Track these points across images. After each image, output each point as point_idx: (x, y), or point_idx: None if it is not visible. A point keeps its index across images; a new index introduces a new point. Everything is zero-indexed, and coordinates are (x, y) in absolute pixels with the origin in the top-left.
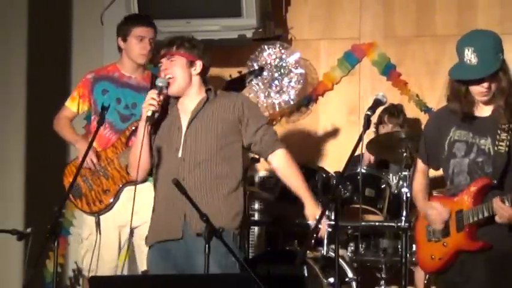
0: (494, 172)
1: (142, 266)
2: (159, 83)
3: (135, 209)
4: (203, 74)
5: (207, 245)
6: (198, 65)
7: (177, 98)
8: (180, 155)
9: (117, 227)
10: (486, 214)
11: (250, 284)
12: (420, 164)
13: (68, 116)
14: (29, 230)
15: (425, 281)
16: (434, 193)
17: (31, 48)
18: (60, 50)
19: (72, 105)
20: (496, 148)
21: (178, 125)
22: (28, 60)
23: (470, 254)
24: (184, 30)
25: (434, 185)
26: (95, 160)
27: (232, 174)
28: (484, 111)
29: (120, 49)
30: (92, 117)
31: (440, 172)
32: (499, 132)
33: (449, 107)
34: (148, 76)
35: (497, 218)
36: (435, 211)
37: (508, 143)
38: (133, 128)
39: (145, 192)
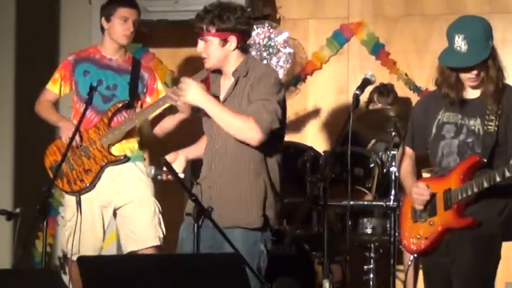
0: (484, 151)
1: (126, 247)
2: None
3: (117, 189)
4: (241, 45)
5: (195, 224)
6: (233, 40)
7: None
8: (214, 142)
9: (100, 208)
10: (476, 190)
11: (239, 263)
12: (407, 149)
13: (50, 98)
14: (18, 210)
15: (410, 262)
16: (424, 174)
17: (19, 28)
18: (49, 31)
19: (54, 88)
20: (485, 128)
21: None
22: (16, 42)
23: (456, 234)
24: (172, 10)
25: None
26: (78, 139)
27: (253, 156)
28: (472, 93)
29: (102, 30)
30: (75, 99)
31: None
32: (487, 113)
33: (438, 92)
34: (129, 59)
35: None
36: (417, 190)
37: (496, 123)
38: (117, 107)
39: (127, 172)
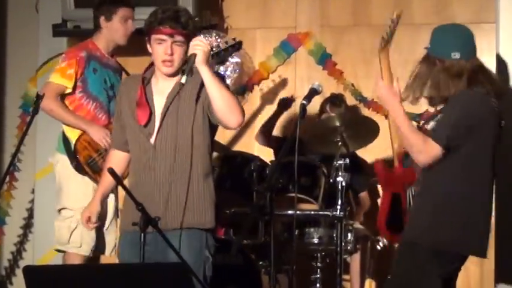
0: None
1: None
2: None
3: None
4: None
5: (142, 234)
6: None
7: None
8: (152, 141)
9: None
10: None
11: (185, 273)
12: None
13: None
14: None
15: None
16: None
17: None
18: None
19: (68, 83)
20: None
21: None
22: None
23: None
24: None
25: None
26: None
27: (203, 161)
28: None
29: (97, 28)
30: (80, 95)
31: None
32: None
33: None
34: (114, 58)
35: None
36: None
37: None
38: None
39: None
